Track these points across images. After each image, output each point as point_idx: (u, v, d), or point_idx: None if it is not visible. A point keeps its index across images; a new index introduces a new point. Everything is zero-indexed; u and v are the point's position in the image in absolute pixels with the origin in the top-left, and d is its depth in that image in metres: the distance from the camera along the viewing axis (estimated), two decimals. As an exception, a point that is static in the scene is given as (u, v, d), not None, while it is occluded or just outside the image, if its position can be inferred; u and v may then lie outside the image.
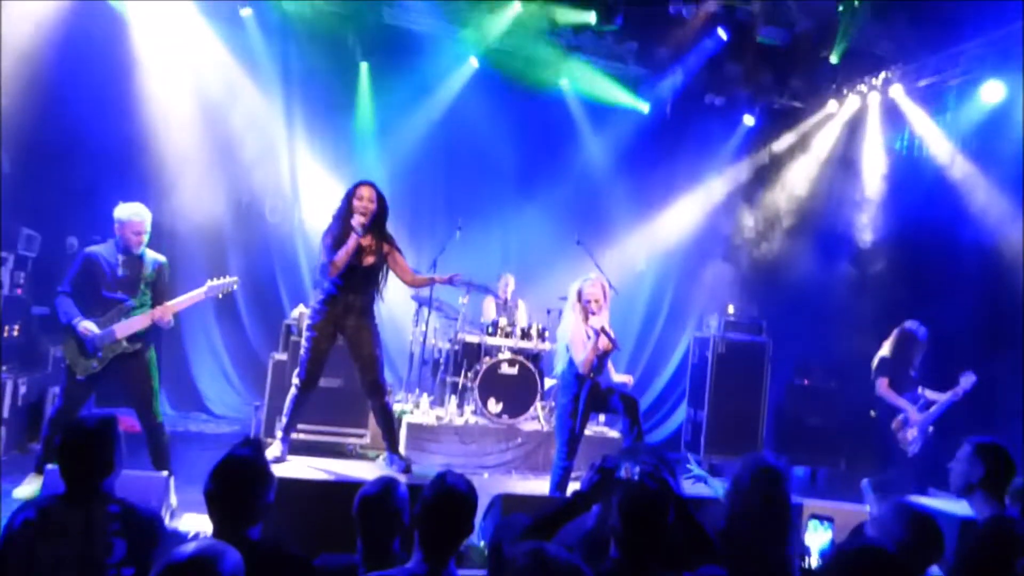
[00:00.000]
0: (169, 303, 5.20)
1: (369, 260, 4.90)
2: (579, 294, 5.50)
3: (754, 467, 2.93)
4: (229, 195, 9.08)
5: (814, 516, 3.56)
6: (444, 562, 2.58)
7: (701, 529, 2.89)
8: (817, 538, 3.49)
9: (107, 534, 2.63)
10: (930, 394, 6.70)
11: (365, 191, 4.91)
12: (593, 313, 5.43)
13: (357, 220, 4.80)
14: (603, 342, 5.38)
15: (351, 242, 4.78)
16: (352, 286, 4.86)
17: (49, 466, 4.57)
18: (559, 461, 5.49)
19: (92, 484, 2.77)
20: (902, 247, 8.95)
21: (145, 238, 5.16)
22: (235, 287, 5.49)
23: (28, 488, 5.09)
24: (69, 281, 5.09)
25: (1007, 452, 3.37)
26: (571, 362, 5.47)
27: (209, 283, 5.36)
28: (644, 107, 10.09)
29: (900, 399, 6.49)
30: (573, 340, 5.45)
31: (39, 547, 2.58)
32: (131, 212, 5.11)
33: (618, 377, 5.93)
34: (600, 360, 5.51)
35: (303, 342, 4.92)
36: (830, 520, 3.51)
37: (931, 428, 6.58)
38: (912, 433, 6.51)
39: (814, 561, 3.40)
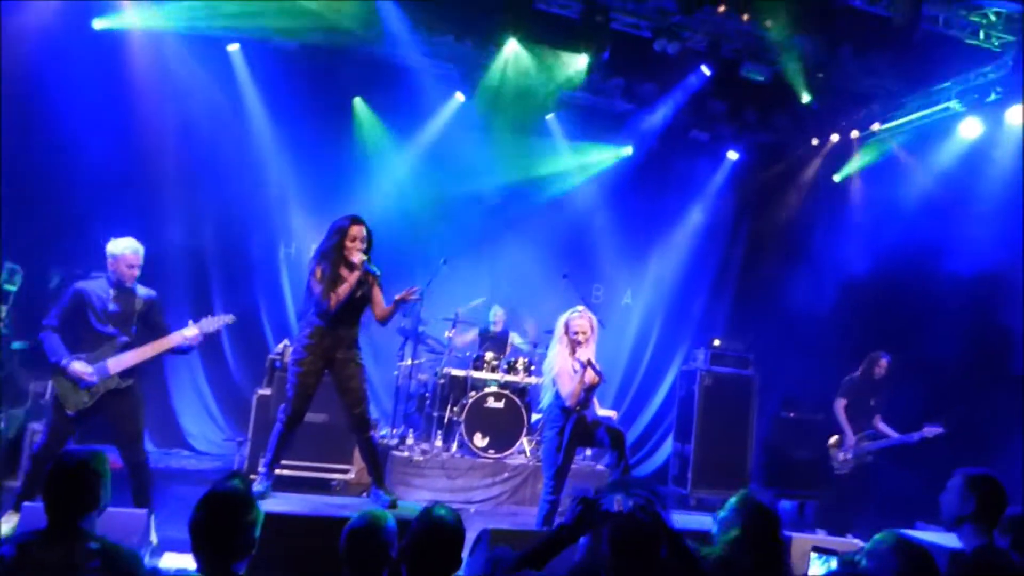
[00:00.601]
0: (160, 341, 5.10)
1: (358, 294, 4.89)
2: (566, 327, 5.50)
3: (747, 507, 2.89)
4: (215, 229, 9.05)
5: (816, 549, 3.53)
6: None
7: (696, 563, 2.85)
8: (818, 572, 3.46)
9: (87, 571, 2.56)
10: (883, 428, 6.96)
11: (359, 230, 4.91)
12: (580, 345, 5.43)
13: (358, 257, 4.83)
14: (589, 375, 5.35)
15: (352, 277, 4.79)
16: (342, 319, 4.84)
17: (27, 503, 4.50)
18: (546, 495, 5.43)
19: (74, 520, 2.71)
20: (888, 279, 9.02)
21: (137, 272, 5.08)
22: (228, 323, 5.48)
23: (5, 526, 4.79)
24: (56, 315, 4.94)
25: (999, 485, 3.34)
26: (557, 395, 5.44)
27: (204, 320, 5.30)
28: (627, 150, 10.21)
29: (845, 421, 7.10)
30: (560, 373, 5.42)
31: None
32: (124, 246, 5.03)
33: (602, 411, 5.89)
34: (587, 393, 5.47)
35: (289, 377, 4.85)
36: (832, 553, 3.48)
37: (870, 457, 6.84)
38: (844, 456, 6.79)
39: None
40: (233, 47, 8.62)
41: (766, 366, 9.04)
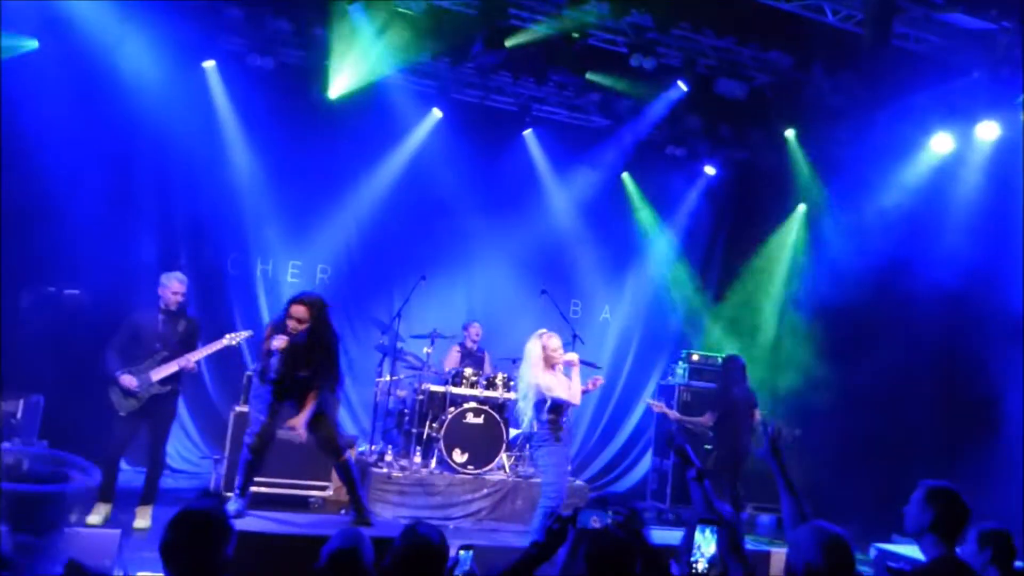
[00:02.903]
0: (191, 354, 6.10)
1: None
2: (543, 349, 5.80)
3: (822, 539, 2.80)
4: (190, 246, 8.97)
5: None
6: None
7: None
8: None
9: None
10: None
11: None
12: (556, 363, 5.79)
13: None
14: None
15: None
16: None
17: None
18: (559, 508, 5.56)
19: (37, 543, 2.65)
20: (862, 295, 9.11)
21: (181, 299, 6.18)
22: (246, 338, 6.56)
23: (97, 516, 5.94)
24: (116, 338, 6.09)
25: (958, 497, 3.36)
26: (548, 408, 5.72)
27: (227, 336, 6.33)
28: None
29: None
30: (553, 386, 5.71)
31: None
32: (170, 278, 6.22)
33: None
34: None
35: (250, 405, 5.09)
36: None
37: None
38: None
39: None
40: (208, 63, 8.57)
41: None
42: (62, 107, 7.66)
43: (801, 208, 10.29)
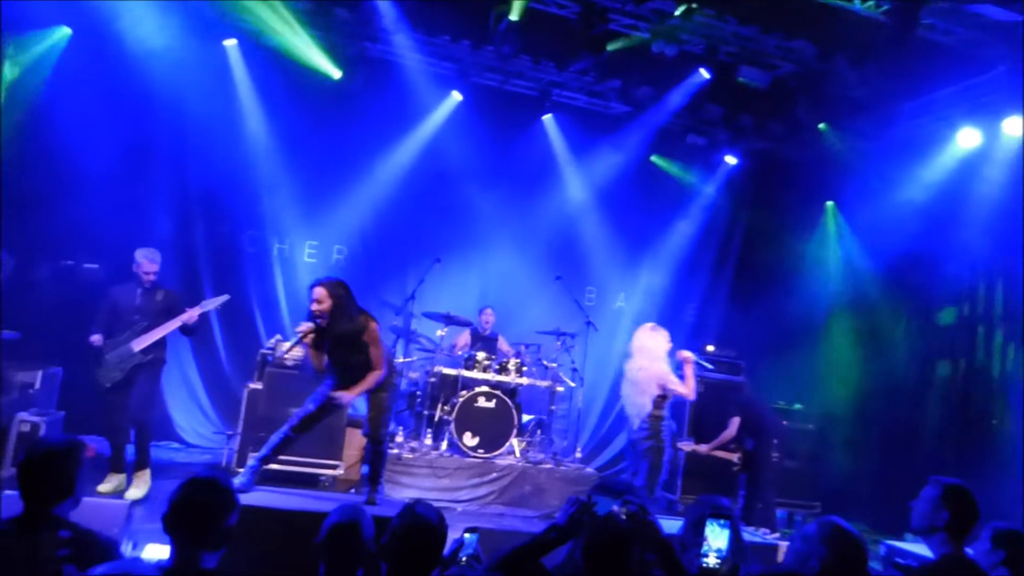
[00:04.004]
0: (170, 322, 6.25)
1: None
2: (667, 342, 6.34)
3: (834, 536, 2.84)
4: (207, 224, 9.03)
5: None
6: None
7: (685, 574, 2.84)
8: None
9: (55, 560, 2.54)
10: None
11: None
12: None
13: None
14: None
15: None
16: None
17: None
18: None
19: (47, 507, 2.69)
20: (884, 289, 9.03)
21: (153, 278, 6.31)
22: (224, 301, 6.57)
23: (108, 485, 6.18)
24: (98, 316, 6.28)
25: (973, 496, 3.35)
26: (661, 411, 6.21)
27: (204, 301, 6.50)
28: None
29: None
30: (674, 380, 6.23)
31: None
32: (142, 255, 6.31)
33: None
34: None
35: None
36: None
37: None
38: None
39: None
40: (230, 42, 8.59)
41: (758, 373, 9.02)
42: (82, 85, 7.73)
43: (829, 204, 10.20)
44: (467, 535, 3.00)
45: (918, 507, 3.43)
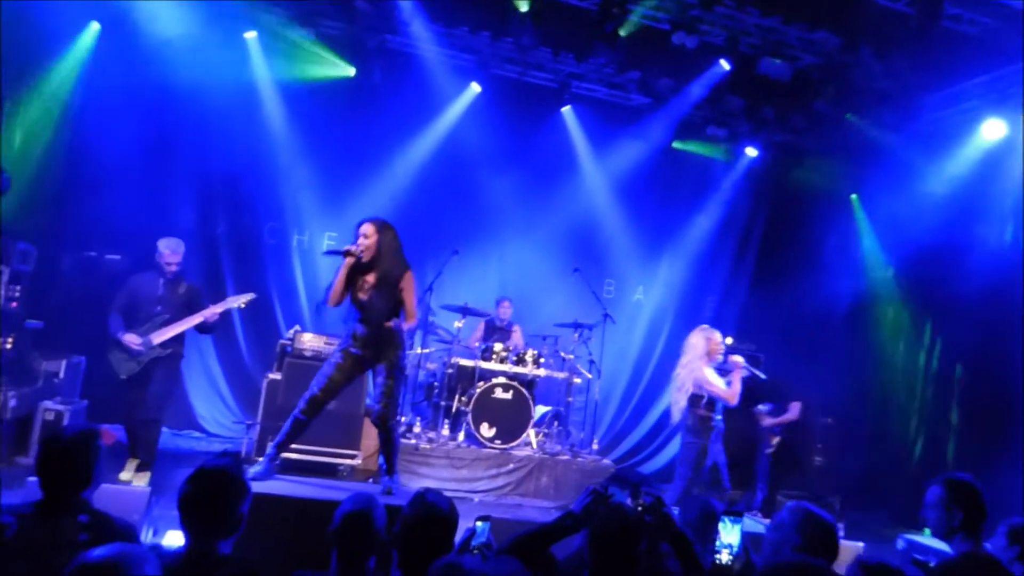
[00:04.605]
0: (192, 316, 6.17)
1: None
2: (707, 342, 6.26)
3: (804, 520, 2.92)
4: (228, 216, 9.11)
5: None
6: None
7: (699, 568, 2.85)
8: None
9: (75, 545, 2.58)
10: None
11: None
12: (716, 357, 6.30)
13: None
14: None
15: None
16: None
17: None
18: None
19: (67, 494, 2.74)
20: (904, 284, 8.94)
21: (175, 268, 6.19)
22: (251, 300, 6.47)
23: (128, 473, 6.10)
24: (117, 301, 6.16)
25: (981, 493, 3.38)
26: (701, 410, 6.18)
27: (229, 298, 6.45)
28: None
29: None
30: (714, 382, 6.19)
31: (6, 553, 2.54)
32: (165, 245, 6.21)
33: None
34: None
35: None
36: None
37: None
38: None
39: None
40: (250, 35, 8.64)
41: (778, 367, 8.95)
42: (104, 79, 7.81)
43: (853, 197, 10.12)
44: (479, 523, 3.02)
45: (930, 514, 3.46)
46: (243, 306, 6.50)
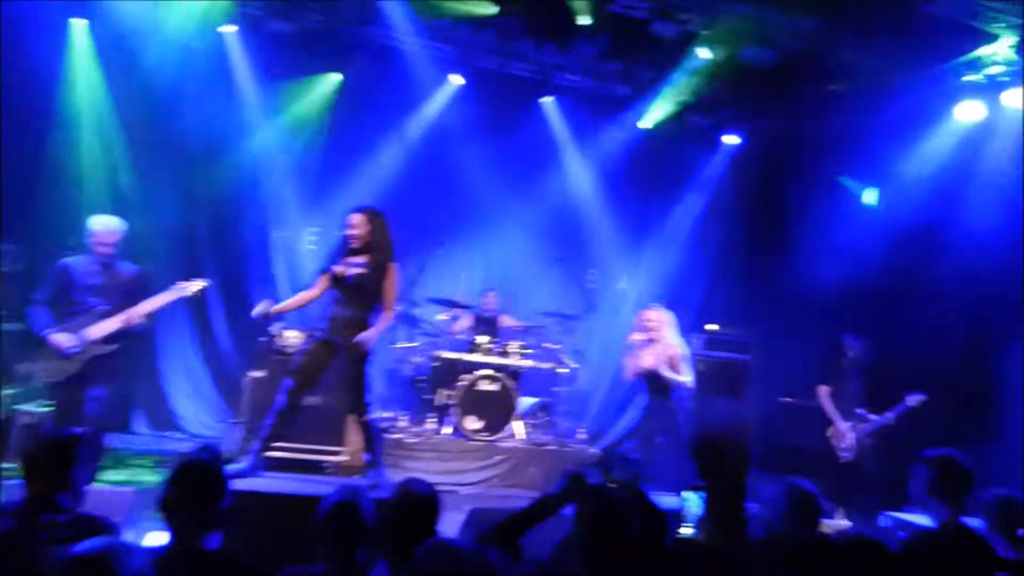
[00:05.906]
0: (137, 307, 5.31)
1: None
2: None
3: (792, 495, 3.09)
4: (207, 211, 9.01)
5: None
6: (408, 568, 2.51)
7: (665, 542, 2.85)
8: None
9: (55, 543, 2.54)
10: (861, 414, 6.99)
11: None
12: None
13: None
14: None
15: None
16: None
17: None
18: None
19: (46, 496, 2.71)
20: (888, 266, 8.95)
21: (110, 248, 5.32)
22: (204, 288, 5.66)
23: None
24: (45, 290, 5.25)
25: (957, 461, 3.51)
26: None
27: (178, 285, 5.50)
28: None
29: (831, 409, 7.13)
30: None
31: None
32: (102, 224, 5.33)
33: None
34: None
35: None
36: None
37: (869, 440, 7.03)
38: (847, 444, 7.08)
39: None
40: (229, 28, 8.54)
41: (766, 352, 8.99)
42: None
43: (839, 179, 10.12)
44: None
45: (912, 482, 3.62)
46: (195, 294, 5.59)
